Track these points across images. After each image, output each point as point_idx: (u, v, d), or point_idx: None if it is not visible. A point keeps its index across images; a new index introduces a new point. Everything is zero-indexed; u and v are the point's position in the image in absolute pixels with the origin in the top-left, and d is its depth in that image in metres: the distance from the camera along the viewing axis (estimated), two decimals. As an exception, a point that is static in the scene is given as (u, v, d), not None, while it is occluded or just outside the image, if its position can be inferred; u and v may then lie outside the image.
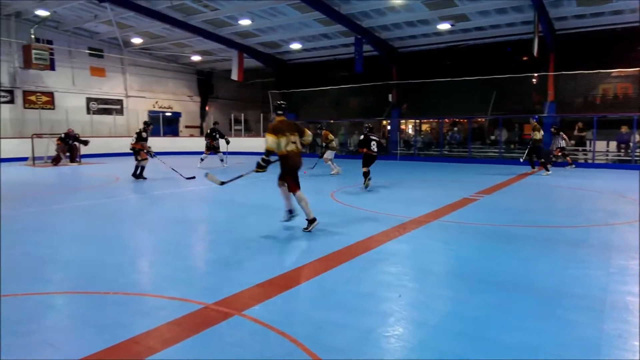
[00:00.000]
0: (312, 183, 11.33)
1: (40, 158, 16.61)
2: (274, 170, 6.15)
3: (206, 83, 28.29)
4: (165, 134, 24.70)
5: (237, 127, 25.49)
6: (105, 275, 4.18)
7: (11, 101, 19.63)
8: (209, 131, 15.82)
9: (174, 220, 6.96)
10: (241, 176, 6.73)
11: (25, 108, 20.01)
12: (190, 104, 27.85)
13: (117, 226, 6.55)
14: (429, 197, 9.00)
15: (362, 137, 10.08)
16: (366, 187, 9.72)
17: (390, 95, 20.83)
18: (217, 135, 15.43)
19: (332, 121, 23.38)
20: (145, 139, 11.69)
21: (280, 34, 20.21)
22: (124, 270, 4.40)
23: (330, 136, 13.27)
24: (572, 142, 16.68)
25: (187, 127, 27.61)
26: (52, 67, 20.13)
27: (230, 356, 2.67)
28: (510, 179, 11.96)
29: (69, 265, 4.56)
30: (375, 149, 9.86)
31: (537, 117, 14.61)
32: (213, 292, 3.70)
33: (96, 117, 22.46)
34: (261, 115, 24.88)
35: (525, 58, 17.49)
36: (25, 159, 16.54)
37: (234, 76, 22.38)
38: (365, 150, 9.80)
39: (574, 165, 15.37)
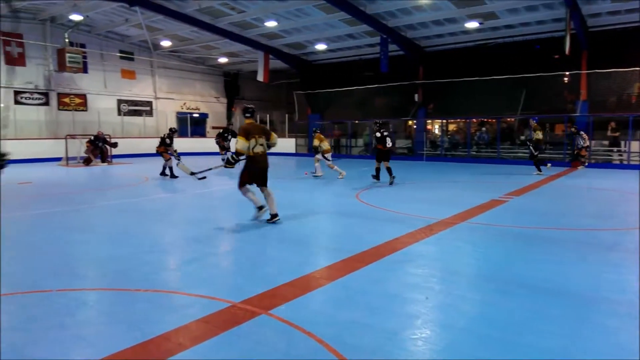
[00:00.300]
0: (336, 185, 11.33)
1: (74, 158, 17.15)
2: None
3: (232, 84, 28.65)
4: (192, 135, 25.14)
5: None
6: (136, 272, 4.28)
7: (46, 103, 20.34)
8: (221, 131, 16.34)
9: (202, 218, 7.07)
10: (211, 169, 7.68)
11: (59, 110, 20.69)
12: (216, 105, 28.26)
13: (147, 224, 6.70)
14: (457, 199, 8.87)
15: (378, 134, 10.58)
16: (391, 183, 10.47)
17: (416, 95, 20.63)
18: (229, 136, 15.75)
19: (357, 121, 23.33)
20: (169, 144, 12.28)
21: (306, 34, 20.28)
22: (154, 268, 4.50)
23: (321, 139, 12.50)
24: (602, 142, 16.26)
25: (213, 127, 27.98)
26: (84, 70, 20.75)
27: (257, 354, 2.69)
28: (541, 180, 11.66)
29: (101, 263, 4.69)
30: (389, 144, 10.66)
31: (536, 118, 14.55)
32: (239, 290, 3.74)
33: (127, 118, 23.04)
34: (286, 116, 25.03)
35: (556, 56, 17.01)
36: (59, 159, 17.10)
37: (260, 77, 22.59)
38: (381, 146, 10.50)
39: (585, 166, 15.16)
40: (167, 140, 12.27)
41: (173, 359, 2.64)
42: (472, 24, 17.22)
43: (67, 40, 19.69)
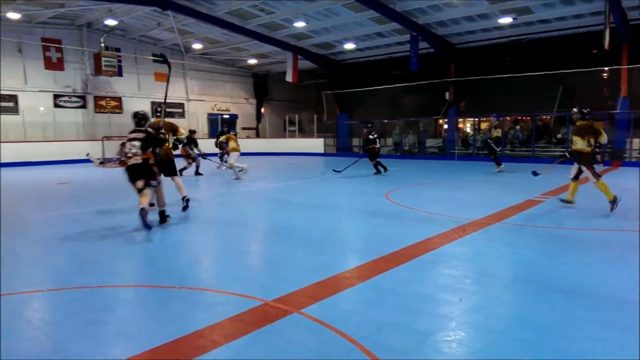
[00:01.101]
0: (366, 184, 11.27)
1: (110, 159, 17.69)
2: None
3: (261, 85, 28.94)
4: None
5: (291, 128, 25.90)
6: (170, 270, 4.37)
7: (83, 106, 21.08)
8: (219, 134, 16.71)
9: (233, 218, 7.17)
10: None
11: (96, 112, 21.42)
12: (246, 106, 28.61)
13: (180, 224, 6.83)
14: (490, 199, 8.67)
15: (371, 137, 12.70)
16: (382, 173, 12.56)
17: (447, 93, 20.29)
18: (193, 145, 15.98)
19: (385, 120, 23.15)
20: (186, 144, 13.22)
21: (334, 34, 20.27)
22: (187, 266, 4.59)
23: (232, 141, 12.70)
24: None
25: (243, 128, 28.38)
26: (119, 74, 21.39)
27: (289, 353, 2.70)
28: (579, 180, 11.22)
29: (136, 260, 4.82)
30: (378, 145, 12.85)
31: (497, 115, 14.73)
32: (271, 289, 3.76)
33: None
34: (314, 116, 25.09)
35: (594, 51, 16.41)
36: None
37: (289, 78, 22.73)
38: (374, 146, 12.60)
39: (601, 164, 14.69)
40: (185, 141, 12.83)
41: (207, 355, 2.68)
42: (506, 20, 16.80)
43: (102, 44, 20.36)
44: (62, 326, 3.12)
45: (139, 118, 6.42)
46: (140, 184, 6.02)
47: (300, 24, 18.82)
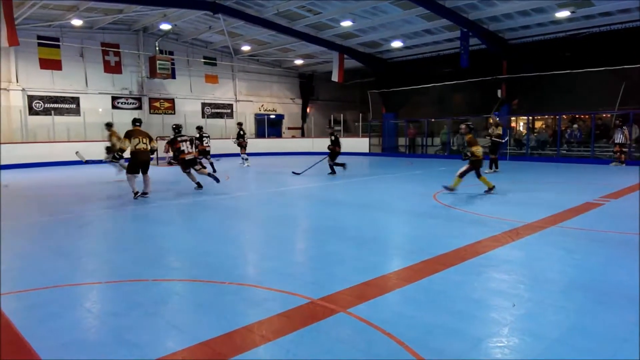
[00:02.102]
0: (413, 184, 11.10)
1: (163, 158, 18.41)
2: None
3: (307, 85, 29.17)
4: (269, 136, 25.96)
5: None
6: (222, 266, 4.50)
7: (139, 107, 22.08)
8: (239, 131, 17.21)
9: (281, 216, 7.27)
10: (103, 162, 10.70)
11: (150, 113, 22.37)
12: (292, 106, 28.92)
13: (230, 221, 7.02)
14: (545, 201, 8.29)
15: (333, 137, 12.93)
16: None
17: (499, 91, 19.58)
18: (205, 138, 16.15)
19: (433, 120, 22.68)
20: (195, 144, 13.97)
21: (381, 32, 20.09)
22: (238, 262, 4.71)
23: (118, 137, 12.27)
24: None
25: (289, 128, 28.72)
26: (173, 76, 22.24)
27: (336, 352, 2.70)
28: (642, 182, 10.54)
29: (189, 256, 4.99)
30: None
31: (497, 113, 14.02)
32: (318, 287, 3.78)
33: (210, 120, 24.34)
34: (360, 115, 24.99)
35: (662, 44, 15.32)
36: (150, 159, 18.43)
37: (335, 77, 22.75)
38: (338, 148, 12.88)
39: (623, 164, 14.21)
40: (197, 142, 13.89)
41: (257, 350, 2.74)
42: (563, 13, 15.99)
43: (157, 48, 21.26)
44: (121, 316, 3.28)
45: (179, 128, 10.23)
46: (197, 167, 10.21)
47: (347, 23, 18.79)
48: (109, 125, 12.36)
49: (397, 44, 21.10)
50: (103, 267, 4.64)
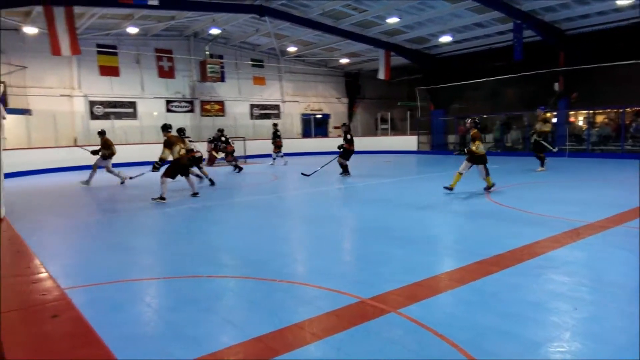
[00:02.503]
0: (464, 184, 10.80)
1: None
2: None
3: (353, 84, 29.06)
4: (315, 135, 26.10)
5: (383, 126, 25.67)
6: (272, 263, 4.58)
7: (191, 110, 22.87)
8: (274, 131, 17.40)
9: (329, 215, 7.29)
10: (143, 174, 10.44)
11: (202, 116, 23.12)
12: (338, 106, 28.93)
13: (280, 220, 7.12)
14: (608, 199, 7.81)
15: (349, 136, 12.44)
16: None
17: (556, 84, 18.62)
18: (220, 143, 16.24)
19: (484, 116, 21.94)
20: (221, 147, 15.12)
21: (429, 28, 19.67)
22: (286, 260, 4.77)
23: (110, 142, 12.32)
24: None
25: (335, 127, 28.73)
26: (222, 79, 22.85)
27: (387, 352, 2.68)
28: None
29: (240, 253, 5.12)
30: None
31: (544, 107, 12.69)
32: (367, 287, 3.76)
33: (257, 121, 24.82)
34: (407, 113, 24.60)
35: None
36: (203, 160, 19.02)
37: (381, 75, 22.52)
38: (351, 147, 12.36)
39: None
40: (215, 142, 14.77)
41: (308, 347, 2.76)
42: (626, 1, 14.99)
43: (207, 52, 21.91)
44: (178, 311, 3.41)
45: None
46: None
47: (393, 20, 18.54)
48: (101, 134, 12.41)
49: (445, 38, 20.57)
50: (159, 263, 4.85)
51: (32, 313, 1.00)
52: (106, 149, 12.09)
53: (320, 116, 27.84)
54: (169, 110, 22.09)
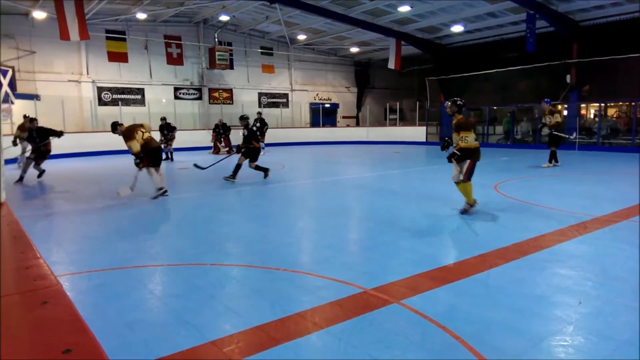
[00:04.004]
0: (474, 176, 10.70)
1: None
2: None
3: (363, 74, 28.83)
4: (324, 125, 26.02)
5: (392, 117, 25.50)
6: (277, 252, 4.59)
7: (199, 97, 22.87)
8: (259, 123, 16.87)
9: (336, 205, 7.28)
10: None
11: (210, 104, 23.11)
12: (347, 95, 28.76)
13: (286, 209, 7.13)
14: (617, 193, 7.72)
15: (255, 128, 10.25)
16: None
17: (568, 76, 18.33)
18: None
19: (495, 107, 21.72)
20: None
21: (441, 17, 19.39)
22: (292, 250, 4.78)
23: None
24: None
25: (344, 117, 28.61)
26: (231, 67, 22.79)
27: (389, 343, 2.68)
28: None
29: (246, 242, 5.13)
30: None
31: (549, 100, 12.16)
32: (371, 277, 3.75)
33: (266, 109, 24.77)
34: (417, 103, 24.39)
35: None
36: (210, 147, 19.12)
37: (391, 65, 22.31)
38: (256, 144, 9.94)
39: None
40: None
41: (309, 337, 2.77)
42: (643, -10, 14.66)
43: (216, 39, 21.83)
44: (182, 298, 3.43)
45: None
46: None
47: (404, 9, 18.29)
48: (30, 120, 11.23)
49: (457, 28, 20.28)
50: (165, 250, 4.88)
51: (21, 299, 1.00)
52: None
53: (328, 105, 27.71)
54: (177, 98, 22.10)
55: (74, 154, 17.26)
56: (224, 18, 20.50)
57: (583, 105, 19.13)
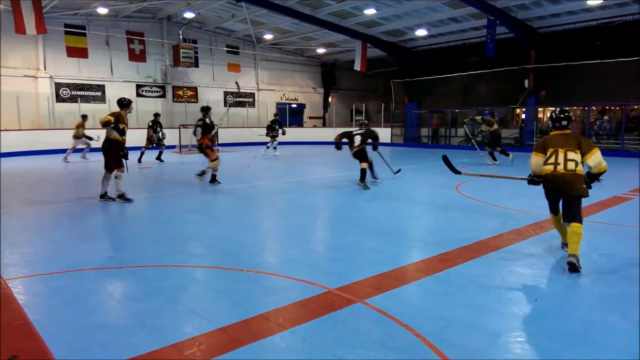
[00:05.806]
0: (435, 176, 10.96)
1: (186, 146, 18.65)
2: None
3: (329, 75, 28.98)
4: (290, 125, 25.97)
5: (357, 118, 25.72)
6: (241, 253, 4.54)
7: (163, 95, 22.35)
8: (269, 122, 16.62)
9: (302, 206, 7.28)
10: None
11: (174, 102, 22.62)
12: (314, 96, 28.82)
13: (251, 209, 7.06)
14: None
15: (208, 120, 9.19)
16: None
17: (526, 81, 19.06)
18: (277, 127, 16.10)
19: (457, 110, 22.30)
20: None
21: (406, 21, 19.76)
22: (256, 250, 4.74)
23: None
24: None
25: (310, 118, 28.64)
26: (196, 64, 22.39)
27: (353, 342, 2.70)
28: (675, 176, 10.15)
29: (211, 243, 5.05)
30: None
31: (488, 112, 13.88)
32: (336, 277, 3.77)
33: (232, 109, 24.50)
34: (382, 105, 24.72)
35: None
36: (174, 146, 18.71)
37: (357, 67, 22.54)
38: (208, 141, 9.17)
39: None
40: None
41: (273, 337, 2.75)
42: (595, 1, 15.43)
43: (181, 37, 21.39)
44: (142, 301, 3.34)
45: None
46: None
47: (370, 11, 18.53)
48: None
49: (421, 32, 20.72)
50: (126, 252, 4.73)
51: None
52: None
53: (295, 106, 27.67)
54: (139, 95, 21.52)
55: (29, 151, 16.51)
56: (188, 15, 20.15)
57: (540, 109, 19.92)
